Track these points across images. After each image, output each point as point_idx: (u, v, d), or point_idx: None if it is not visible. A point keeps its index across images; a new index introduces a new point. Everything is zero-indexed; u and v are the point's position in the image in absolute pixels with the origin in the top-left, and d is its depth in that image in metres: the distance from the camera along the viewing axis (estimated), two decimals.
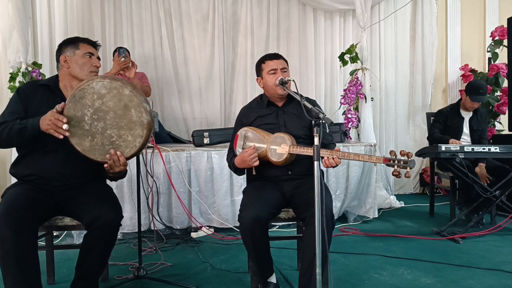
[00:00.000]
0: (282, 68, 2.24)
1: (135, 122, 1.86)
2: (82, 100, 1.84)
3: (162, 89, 4.86)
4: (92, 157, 1.88)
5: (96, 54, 2.12)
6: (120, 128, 1.86)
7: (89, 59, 2.07)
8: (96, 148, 1.87)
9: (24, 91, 2.03)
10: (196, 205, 3.41)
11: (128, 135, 1.87)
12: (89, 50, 2.08)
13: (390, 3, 5.26)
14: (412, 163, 1.91)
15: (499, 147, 3.21)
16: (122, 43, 4.79)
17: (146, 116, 1.86)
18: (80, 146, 1.86)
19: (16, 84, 3.69)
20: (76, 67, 2.05)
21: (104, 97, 1.84)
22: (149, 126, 1.88)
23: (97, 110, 1.85)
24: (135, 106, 1.85)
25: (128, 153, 1.89)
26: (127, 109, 1.85)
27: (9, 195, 1.86)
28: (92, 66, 2.07)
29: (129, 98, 1.85)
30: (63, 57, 2.06)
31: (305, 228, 1.97)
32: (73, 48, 2.06)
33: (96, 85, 1.84)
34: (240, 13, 5.04)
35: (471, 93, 3.72)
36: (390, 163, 1.94)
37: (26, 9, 3.78)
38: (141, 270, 2.41)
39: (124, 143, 1.88)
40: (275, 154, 2.11)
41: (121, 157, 1.88)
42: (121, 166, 1.90)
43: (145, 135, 1.87)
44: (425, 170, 5.25)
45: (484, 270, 2.56)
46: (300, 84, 5.09)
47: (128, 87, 1.85)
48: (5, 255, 1.70)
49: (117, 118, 1.85)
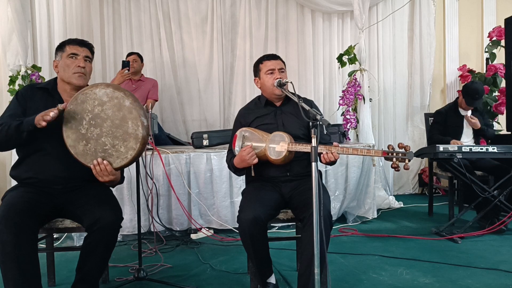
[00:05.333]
0: (279, 69, 2.26)
1: (130, 134, 1.86)
2: (83, 104, 1.86)
3: (161, 91, 4.86)
4: (83, 162, 1.88)
5: (83, 53, 2.05)
6: (115, 138, 1.87)
7: (73, 60, 2.03)
8: (89, 154, 1.88)
9: (23, 94, 2.05)
10: (196, 207, 3.42)
11: (121, 146, 1.87)
12: (73, 51, 2.04)
13: (388, 4, 5.28)
14: (410, 155, 1.92)
15: (497, 147, 3.22)
16: (121, 46, 4.82)
17: (141, 131, 1.86)
18: (74, 149, 1.88)
19: (15, 87, 3.70)
20: (62, 70, 2.05)
21: (105, 105, 1.86)
22: (143, 141, 1.88)
23: (96, 116, 1.86)
24: (133, 118, 1.86)
25: (118, 164, 1.88)
26: (125, 120, 1.86)
27: (9, 198, 1.87)
28: (75, 67, 2.02)
29: (129, 110, 1.85)
30: (54, 63, 2.09)
31: (304, 229, 1.99)
32: (60, 52, 2.07)
33: (99, 92, 1.85)
34: (239, 15, 5.06)
35: (467, 98, 3.74)
36: (388, 156, 1.95)
37: (25, 13, 3.80)
38: (141, 272, 2.41)
39: (116, 153, 1.88)
40: (274, 152, 2.12)
41: (108, 166, 1.86)
42: (109, 175, 1.88)
43: (138, 148, 1.87)
44: (424, 170, 5.26)
45: (483, 269, 2.57)
46: (298, 85, 5.11)
47: (129, 98, 1.86)
48: (6, 258, 1.71)
49: (113, 128, 1.86)
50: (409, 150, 1.94)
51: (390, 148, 1.96)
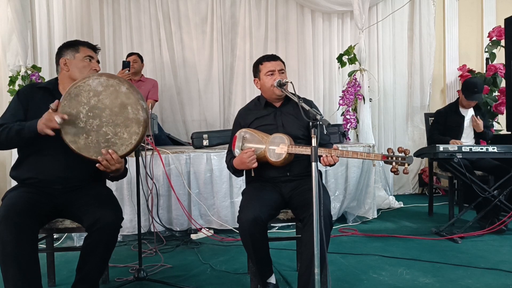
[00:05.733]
0: (279, 70, 2.26)
1: (131, 119, 1.85)
2: (78, 98, 1.83)
3: (161, 91, 4.86)
4: (87, 155, 1.86)
5: (96, 58, 2.12)
6: (116, 126, 1.86)
7: (89, 62, 2.08)
8: (91, 146, 1.86)
9: (24, 93, 2.05)
10: (196, 207, 3.42)
11: (124, 133, 1.86)
12: (89, 53, 2.09)
13: (388, 4, 5.29)
14: (410, 159, 1.92)
15: (497, 147, 3.22)
16: (121, 46, 4.82)
17: (142, 114, 1.85)
18: (75, 144, 1.85)
19: (15, 87, 3.70)
20: (76, 70, 2.05)
21: (101, 95, 1.84)
22: (145, 124, 1.87)
23: (93, 107, 1.84)
24: (132, 103, 1.85)
25: (124, 151, 1.88)
26: (124, 107, 1.85)
27: (10, 198, 1.87)
28: (91, 70, 2.07)
29: (126, 95, 1.85)
30: (63, 60, 2.07)
31: (304, 229, 1.99)
32: (73, 51, 2.07)
33: (93, 83, 1.84)
34: (239, 15, 5.07)
35: (466, 92, 3.74)
36: (388, 160, 1.95)
37: (25, 13, 3.80)
38: (141, 272, 2.41)
39: (119, 141, 1.87)
40: (274, 155, 2.12)
41: (113, 155, 1.85)
42: (116, 164, 1.88)
43: (141, 132, 1.87)
44: (424, 170, 5.27)
45: (483, 269, 2.57)
46: (298, 85, 5.11)
47: (125, 84, 1.85)
48: (6, 258, 1.71)
49: (113, 116, 1.85)
50: (409, 154, 1.93)
51: (390, 152, 1.96)
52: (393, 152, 1.96)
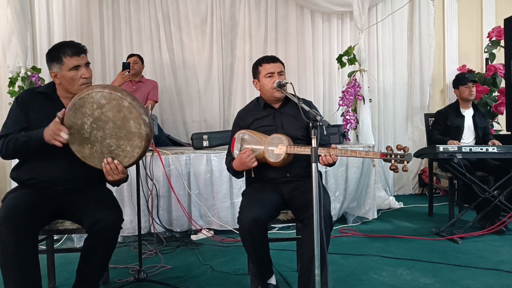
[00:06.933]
0: (279, 72, 2.26)
1: (134, 133, 1.87)
2: (82, 109, 1.86)
3: (161, 92, 4.86)
4: (92, 164, 1.91)
5: (83, 62, 1.99)
6: (119, 138, 1.88)
7: (76, 72, 1.97)
8: (96, 156, 1.90)
9: (23, 100, 2.03)
10: (196, 208, 3.42)
11: (127, 145, 1.89)
12: (74, 63, 1.96)
13: (388, 4, 5.29)
14: (408, 157, 1.92)
15: (497, 147, 3.23)
16: (120, 47, 4.82)
17: (144, 128, 1.87)
18: (80, 153, 1.90)
19: (15, 88, 3.71)
20: (66, 83, 1.99)
21: (104, 107, 1.86)
22: (148, 138, 1.89)
23: (97, 119, 1.87)
24: (134, 118, 1.86)
25: (127, 163, 1.92)
26: (126, 121, 1.86)
27: (10, 200, 1.88)
28: (81, 79, 1.98)
29: (128, 109, 1.85)
30: (52, 73, 2.01)
31: (304, 230, 1.99)
32: (58, 64, 1.97)
33: (96, 95, 1.85)
34: (238, 16, 5.07)
35: (461, 81, 3.80)
36: (387, 158, 1.95)
37: (25, 14, 3.81)
38: (142, 273, 2.42)
39: (122, 153, 1.90)
40: (273, 155, 2.13)
41: (119, 166, 1.89)
42: (120, 174, 1.91)
43: (143, 146, 1.89)
44: (424, 170, 5.26)
45: (483, 270, 2.57)
46: (298, 86, 5.12)
47: (127, 98, 1.85)
48: (6, 259, 1.71)
49: (116, 129, 1.87)
50: (408, 151, 1.93)
51: (389, 150, 1.96)
52: (392, 150, 1.96)
